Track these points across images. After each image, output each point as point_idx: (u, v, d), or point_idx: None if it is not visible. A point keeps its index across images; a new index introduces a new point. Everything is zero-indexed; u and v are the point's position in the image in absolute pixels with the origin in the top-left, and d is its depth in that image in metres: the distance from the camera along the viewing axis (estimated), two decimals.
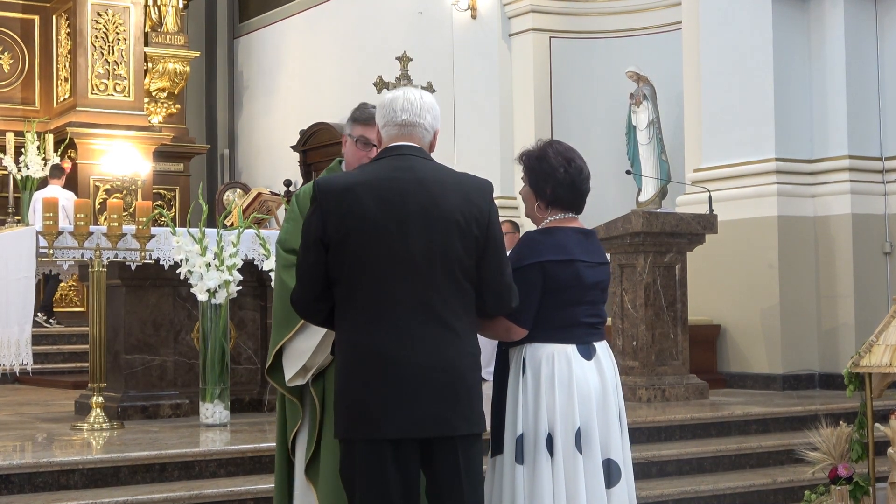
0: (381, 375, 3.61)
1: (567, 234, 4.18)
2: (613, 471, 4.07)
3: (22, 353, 7.51)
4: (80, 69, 14.75)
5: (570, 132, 12.23)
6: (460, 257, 3.67)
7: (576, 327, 4.13)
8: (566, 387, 4.05)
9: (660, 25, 11.94)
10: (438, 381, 3.64)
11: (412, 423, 3.62)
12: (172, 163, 16.09)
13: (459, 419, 3.70)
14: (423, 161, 3.78)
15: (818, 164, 9.85)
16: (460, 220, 3.67)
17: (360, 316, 3.65)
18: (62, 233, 6.86)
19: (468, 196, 3.74)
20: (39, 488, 5.53)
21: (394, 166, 3.72)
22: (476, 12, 12.72)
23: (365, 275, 3.64)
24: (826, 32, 9.83)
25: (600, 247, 4.32)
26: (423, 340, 3.63)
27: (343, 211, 3.64)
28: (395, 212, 3.63)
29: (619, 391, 4.20)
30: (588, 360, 4.10)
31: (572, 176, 4.19)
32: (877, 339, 5.90)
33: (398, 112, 3.79)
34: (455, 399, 3.68)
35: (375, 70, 12.66)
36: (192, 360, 7.52)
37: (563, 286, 4.09)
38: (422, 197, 3.65)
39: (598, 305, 4.21)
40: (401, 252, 3.62)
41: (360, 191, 3.66)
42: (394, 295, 3.63)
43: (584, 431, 4.02)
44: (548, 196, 4.20)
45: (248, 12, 18.33)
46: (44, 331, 11.91)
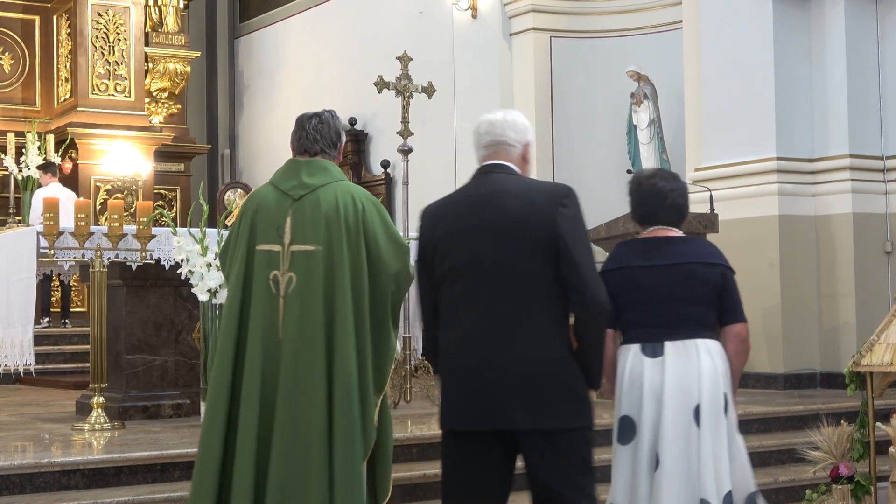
0: (453, 373, 4.00)
1: (628, 245, 4.68)
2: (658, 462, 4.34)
3: (25, 353, 7.52)
4: (80, 69, 14.75)
5: (570, 131, 12.24)
6: (528, 261, 3.93)
7: (638, 328, 4.49)
8: (619, 381, 4.47)
9: (660, 25, 11.93)
10: (506, 378, 3.89)
11: (478, 416, 3.92)
12: (173, 163, 16.09)
13: (525, 414, 3.90)
14: (502, 175, 4.08)
15: (819, 163, 9.84)
16: (524, 226, 3.93)
17: (444, 320, 4.04)
18: (63, 233, 6.86)
19: (534, 202, 3.98)
20: (40, 488, 5.53)
21: (474, 183, 4.10)
22: (476, 12, 12.71)
23: (446, 282, 4.02)
24: (827, 31, 9.82)
25: (687, 251, 4.57)
26: (493, 341, 3.92)
27: (432, 229, 4.09)
28: (468, 223, 3.99)
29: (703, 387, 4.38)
30: (652, 357, 4.42)
31: (643, 193, 4.64)
32: (878, 339, 5.90)
33: (482, 136, 4.16)
34: (524, 395, 3.89)
35: (376, 70, 12.62)
36: (193, 360, 7.52)
37: (618, 291, 4.45)
38: (490, 208, 3.98)
39: (675, 304, 4.47)
40: (474, 260, 3.96)
41: (445, 209, 4.11)
42: (468, 299, 3.97)
43: (630, 423, 4.41)
44: (635, 215, 4.71)
45: (249, 12, 18.33)
46: (45, 331, 11.91)
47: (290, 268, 4.43)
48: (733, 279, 4.64)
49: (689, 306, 4.47)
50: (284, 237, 4.46)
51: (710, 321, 4.54)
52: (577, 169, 12.04)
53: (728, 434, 4.44)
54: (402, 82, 8.76)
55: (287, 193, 4.51)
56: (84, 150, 14.58)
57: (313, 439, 4.31)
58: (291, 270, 4.43)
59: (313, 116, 4.64)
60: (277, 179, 4.59)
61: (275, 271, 4.44)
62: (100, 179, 14.64)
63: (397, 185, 14.03)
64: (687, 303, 4.48)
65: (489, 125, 4.15)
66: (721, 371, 4.45)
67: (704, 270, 4.53)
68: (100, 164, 14.67)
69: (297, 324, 4.39)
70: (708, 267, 4.56)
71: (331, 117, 4.66)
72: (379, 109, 14.27)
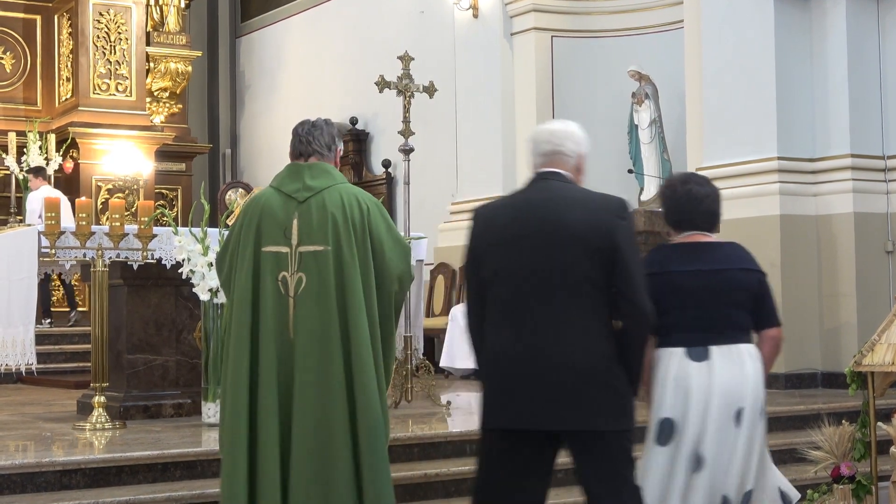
0: (504, 372, 4.06)
1: (667, 249, 4.72)
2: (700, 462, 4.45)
3: (27, 352, 7.52)
4: (81, 69, 14.76)
5: None
6: (583, 268, 4.04)
7: (682, 331, 4.54)
8: (660, 384, 4.52)
9: (661, 24, 11.93)
10: (559, 379, 3.99)
11: (530, 416, 4.01)
12: (174, 162, 16.09)
13: (576, 415, 4.02)
14: (559, 183, 4.20)
15: (820, 162, 9.84)
16: (583, 234, 4.04)
17: (494, 319, 4.10)
18: (64, 232, 6.86)
19: (593, 212, 4.11)
20: (41, 488, 5.54)
21: (532, 188, 4.22)
22: (478, 11, 12.71)
23: (498, 282, 4.10)
24: (828, 31, 9.82)
25: (719, 256, 4.65)
26: (546, 342, 4.01)
27: (483, 229, 4.18)
28: (522, 227, 4.08)
29: (746, 391, 4.49)
30: (697, 361, 4.50)
31: (679, 199, 4.70)
32: (879, 338, 5.90)
33: (541, 144, 4.26)
34: (575, 396, 4.01)
35: (377, 69, 12.61)
36: (195, 360, 7.51)
37: (661, 294, 4.45)
38: (547, 213, 4.09)
39: (718, 309, 4.56)
40: (529, 262, 4.05)
41: (500, 210, 4.22)
42: (521, 300, 4.05)
43: (670, 425, 4.48)
44: (670, 220, 4.76)
45: (250, 12, 18.33)
46: (46, 330, 11.92)
47: (298, 268, 4.53)
48: (768, 284, 4.77)
49: (731, 311, 4.59)
50: (292, 239, 4.55)
51: (749, 326, 4.67)
52: None
53: (761, 436, 4.57)
54: (403, 82, 8.76)
55: (292, 196, 4.61)
56: (85, 149, 14.59)
57: (337, 437, 4.42)
58: (301, 271, 4.53)
59: (305, 122, 4.81)
60: (280, 183, 4.69)
61: (283, 272, 4.54)
62: (101, 179, 14.65)
63: (398, 185, 14.04)
64: (729, 308, 4.59)
65: (549, 134, 4.28)
66: (761, 375, 4.59)
67: (743, 276, 4.65)
68: (101, 164, 14.67)
69: (308, 323, 4.50)
70: (746, 273, 4.67)
71: (324, 123, 4.81)
72: (380, 109, 14.28)
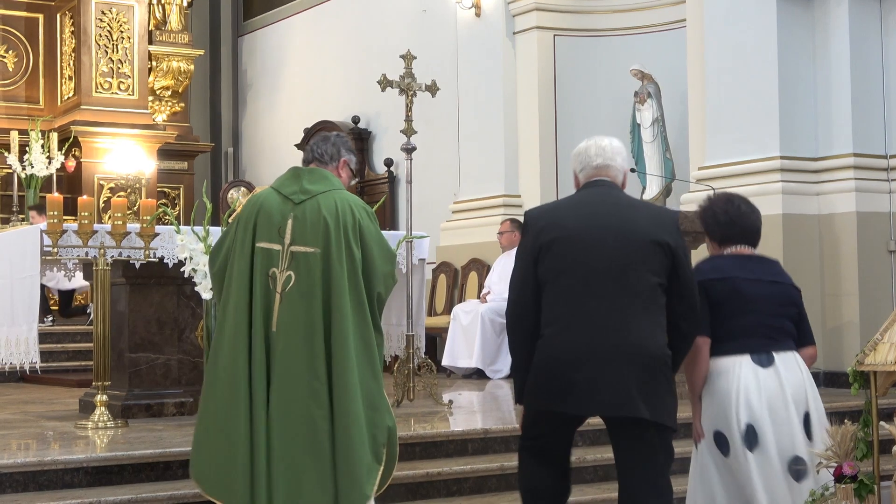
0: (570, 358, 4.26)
1: (725, 258, 4.97)
2: (801, 465, 4.75)
3: (31, 351, 7.51)
4: (84, 68, 14.75)
5: (573, 130, 12.22)
6: (651, 267, 4.33)
7: (748, 337, 4.78)
8: (735, 394, 4.71)
9: (664, 23, 11.92)
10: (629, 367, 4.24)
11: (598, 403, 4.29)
12: (176, 161, 16.09)
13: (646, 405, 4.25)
14: (619, 191, 4.53)
15: (822, 161, 9.84)
16: (652, 241, 4.35)
17: (556, 311, 4.31)
18: (66, 231, 6.86)
19: (656, 218, 4.48)
20: (44, 486, 5.54)
21: (594, 192, 4.49)
22: (480, 10, 12.71)
23: (564, 274, 4.32)
24: (830, 30, 9.82)
25: (773, 269, 5.03)
26: (617, 331, 4.26)
27: (547, 225, 4.39)
28: (594, 225, 4.36)
29: (808, 396, 4.82)
30: (764, 367, 4.75)
31: (731, 216, 4.97)
32: (882, 337, 5.88)
33: (593, 157, 4.53)
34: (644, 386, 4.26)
35: (379, 68, 12.60)
36: (197, 359, 7.51)
37: (724, 299, 4.78)
38: (618, 216, 4.39)
39: (779, 319, 4.86)
40: (598, 258, 4.30)
41: (563, 210, 4.50)
42: (590, 292, 4.29)
43: (753, 431, 4.69)
44: (716, 236, 5.04)
45: (252, 10, 18.33)
46: (48, 329, 11.92)
47: (288, 266, 4.74)
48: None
49: (786, 321, 4.89)
50: (285, 238, 4.76)
51: (796, 338, 4.96)
52: None
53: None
54: (405, 81, 8.76)
55: (289, 198, 4.83)
56: (87, 148, 14.59)
57: (315, 430, 4.60)
58: (290, 269, 4.74)
59: (318, 134, 5.17)
60: (279, 184, 4.92)
61: (273, 269, 4.75)
62: (103, 178, 14.65)
63: (401, 184, 14.04)
64: (785, 318, 4.89)
65: (600, 149, 4.54)
66: (814, 382, 4.89)
67: (793, 292, 5.00)
68: (103, 163, 14.67)
69: (291, 319, 4.68)
70: (794, 289, 5.03)
71: (335, 137, 5.10)
72: (382, 108, 14.28)
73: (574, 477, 4.92)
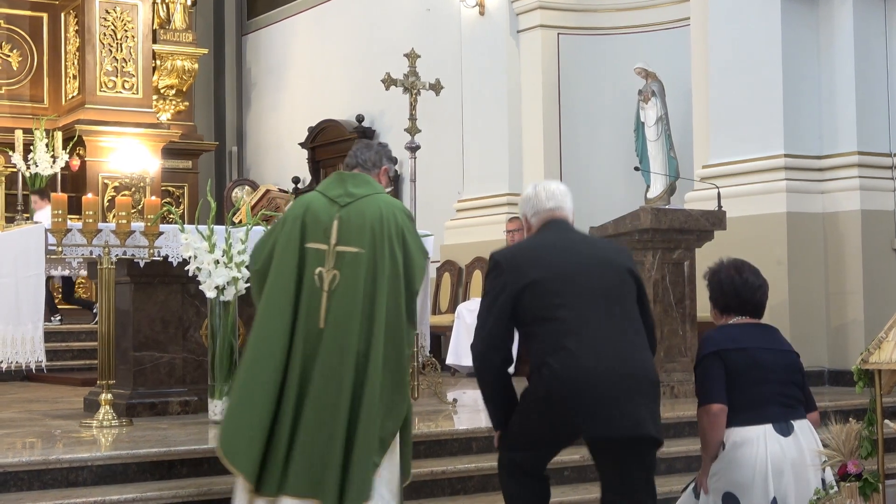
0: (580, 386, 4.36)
1: (735, 327, 5.01)
2: None
3: (37, 350, 7.51)
4: (88, 67, 14.77)
5: (578, 129, 12.23)
6: (631, 295, 4.59)
7: (768, 406, 4.88)
8: (761, 465, 4.80)
9: (668, 22, 11.92)
10: (641, 388, 4.44)
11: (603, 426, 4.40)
12: (181, 160, 16.11)
13: (650, 422, 4.46)
14: (572, 228, 4.74)
15: (827, 160, 9.83)
16: (626, 269, 4.61)
17: (555, 344, 4.40)
18: (71, 230, 6.86)
19: (623, 253, 4.77)
20: (48, 485, 5.54)
21: (556, 232, 4.68)
22: (484, 9, 12.71)
23: (563, 307, 4.44)
24: (835, 28, 9.81)
25: (781, 339, 5.10)
26: (623, 356, 4.43)
27: (525, 264, 4.52)
28: (574, 261, 4.55)
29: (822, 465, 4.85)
30: (785, 436, 4.85)
31: (737, 287, 5.03)
32: (886, 336, 5.87)
33: (545, 201, 4.72)
34: (651, 405, 4.49)
35: (383, 67, 12.61)
36: (201, 357, 7.52)
37: (743, 369, 4.86)
38: (589, 251, 4.64)
39: (791, 387, 4.96)
40: (589, 290, 4.47)
41: (537, 250, 4.62)
42: (585, 322, 4.43)
43: (780, 501, 4.78)
44: (720, 304, 5.09)
45: (256, 9, 18.34)
46: (53, 328, 11.93)
47: (334, 266, 4.96)
48: None
49: (796, 389, 4.99)
50: (331, 238, 4.98)
51: (805, 404, 5.07)
52: (584, 166, 12.04)
53: None
54: (409, 79, 8.76)
55: (335, 200, 5.08)
56: (92, 147, 14.61)
57: (337, 420, 4.79)
58: (336, 268, 4.96)
59: (362, 140, 5.47)
60: (325, 188, 5.17)
61: (320, 268, 4.97)
62: (107, 176, 14.67)
63: (405, 183, 14.03)
64: (795, 385, 4.99)
65: (550, 193, 4.74)
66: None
67: (796, 358, 5.08)
68: (107, 162, 14.69)
69: (338, 316, 4.90)
70: (797, 356, 5.10)
71: (378, 145, 5.41)
72: (386, 106, 14.28)
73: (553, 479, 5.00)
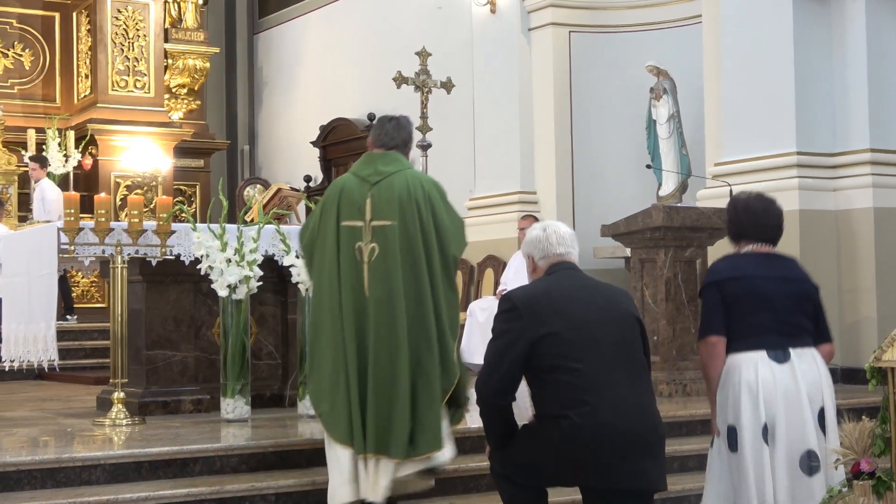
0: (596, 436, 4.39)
1: (743, 257, 5.01)
2: (813, 461, 4.81)
3: (49, 348, 7.53)
4: (100, 66, 14.81)
5: (589, 127, 12.21)
6: (639, 343, 4.62)
7: (764, 334, 4.84)
8: (751, 389, 4.79)
9: (680, 19, 11.90)
10: (652, 439, 4.53)
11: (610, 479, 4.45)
12: (193, 159, 16.14)
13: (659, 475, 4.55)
14: (585, 275, 4.79)
15: (839, 157, 9.80)
16: (633, 316, 4.65)
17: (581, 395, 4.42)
18: (83, 229, 6.88)
19: (629, 298, 4.81)
20: (61, 484, 5.55)
21: (568, 276, 4.70)
22: (495, 7, 12.70)
23: (577, 359, 4.44)
24: (847, 24, 9.78)
25: (790, 267, 5.05)
26: (638, 407, 4.49)
27: (544, 311, 4.52)
28: (592, 310, 4.55)
29: (824, 392, 4.88)
30: (780, 363, 4.81)
31: (751, 207, 5.04)
32: None
33: (555, 245, 4.74)
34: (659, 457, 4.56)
35: (395, 65, 12.65)
36: (213, 356, 7.52)
37: (740, 298, 4.85)
38: (602, 297, 4.65)
39: (797, 316, 4.91)
40: (607, 341, 4.49)
41: (555, 294, 4.60)
42: (606, 374, 4.45)
43: (770, 427, 4.76)
44: (733, 231, 5.10)
45: (268, 8, 18.36)
46: (66, 326, 11.96)
47: (371, 239, 5.35)
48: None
49: (803, 318, 4.93)
50: (366, 215, 5.37)
51: (813, 334, 4.98)
52: (596, 164, 12.03)
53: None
54: (420, 78, 8.78)
55: (366, 179, 5.45)
56: (104, 146, 14.65)
57: (399, 377, 5.23)
58: (374, 241, 5.35)
59: (392, 119, 5.64)
60: (357, 169, 5.54)
61: (359, 243, 5.37)
62: (120, 175, 14.71)
63: None
64: (802, 315, 4.93)
65: (560, 237, 4.77)
66: (830, 378, 4.91)
67: (812, 289, 5.01)
68: (119, 161, 14.73)
69: (380, 283, 5.29)
70: (812, 287, 5.03)
71: (406, 122, 5.65)
72: (398, 105, 14.23)
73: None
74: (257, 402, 7.39)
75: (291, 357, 7.68)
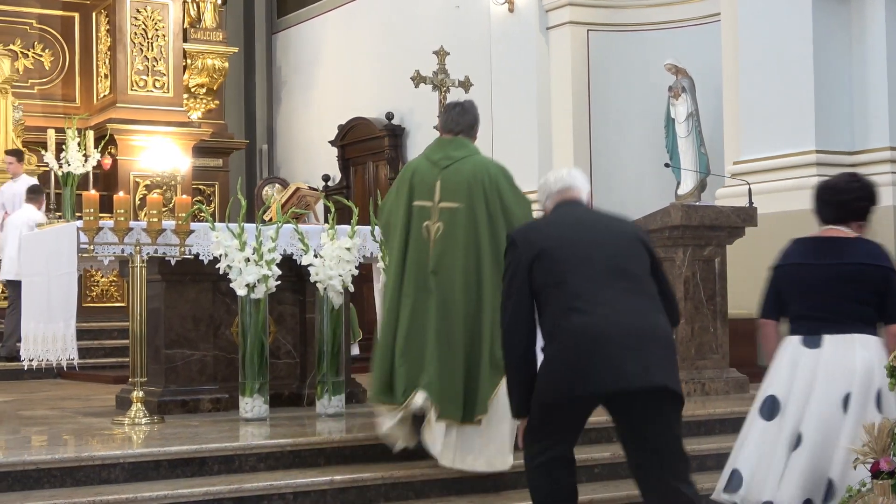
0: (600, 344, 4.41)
1: (798, 242, 5.14)
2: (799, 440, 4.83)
3: (68, 348, 7.55)
4: (119, 66, 14.84)
5: (608, 125, 12.20)
6: (642, 261, 4.66)
7: (799, 320, 4.99)
8: (775, 366, 5.00)
9: (698, 17, 11.88)
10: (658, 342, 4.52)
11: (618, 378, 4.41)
12: (211, 158, 16.15)
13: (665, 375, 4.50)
14: (588, 207, 4.89)
15: (859, 155, 9.77)
16: (637, 238, 4.71)
17: (572, 303, 4.47)
18: (102, 228, 6.90)
19: (635, 226, 4.88)
20: (81, 482, 5.57)
21: (568, 209, 4.79)
22: (513, 5, 12.69)
23: (572, 272, 4.52)
24: (866, 22, 9.75)
25: (849, 251, 4.97)
26: (639, 314, 4.51)
27: (537, 237, 4.66)
28: (584, 231, 4.67)
29: (850, 379, 4.82)
30: (810, 348, 4.90)
31: (825, 192, 5.11)
32: None
33: (553, 184, 4.85)
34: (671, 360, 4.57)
35: (413, 64, 12.65)
36: (232, 355, 7.53)
37: (784, 284, 5.05)
38: (601, 222, 4.78)
39: (835, 300, 4.90)
40: (600, 256, 4.56)
41: (549, 224, 4.78)
42: (601, 284, 4.51)
43: (773, 401, 4.93)
44: (815, 212, 5.16)
45: (286, 8, 18.39)
46: (85, 325, 11.99)
47: (438, 219, 5.80)
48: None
49: (850, 303, 4.89)
50: (434, 196, 5.82)
51: (872, 318, 4.93)
52: (614, 163, 12.01)
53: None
54: (438, 77, 8.78)
55: (436, 163, 5.92)
56: (123, 146, 14.68)
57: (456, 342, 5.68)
58: (440, 221, 5.79)
59: (458, 105, 6.09)
60: (429, 153, 6.03)
61: (427, 222, 5.82)
62: (139, 175, 14.74)
63: None
64: (849, 300, 4.90)
65: (559, 176, 4.88)
66: (877, 365, 4.82)
67: (869, 270, 4.92)
68: (139, 160, 14.76)
69: (444, 260, 5.74)
70: (874, 268, 4.93)
71: (471, 106, 6.11)
72: (416, 104, 14.29)
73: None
74: (275, 401, 7.39)
75: (310, 356, 7.68)
